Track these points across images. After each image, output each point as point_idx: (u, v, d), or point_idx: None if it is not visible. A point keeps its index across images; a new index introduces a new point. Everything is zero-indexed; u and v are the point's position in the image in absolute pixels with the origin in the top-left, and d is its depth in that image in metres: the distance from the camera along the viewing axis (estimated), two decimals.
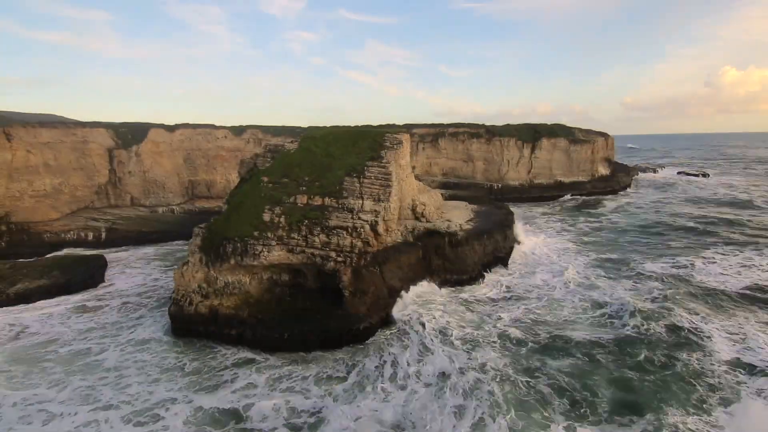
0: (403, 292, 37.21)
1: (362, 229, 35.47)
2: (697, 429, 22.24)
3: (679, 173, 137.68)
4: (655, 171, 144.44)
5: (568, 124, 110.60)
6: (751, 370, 27.25)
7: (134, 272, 50.89)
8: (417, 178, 58.06)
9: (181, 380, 28.03)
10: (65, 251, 57.53)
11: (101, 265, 49.27)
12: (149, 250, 60.61)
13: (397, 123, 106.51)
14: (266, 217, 35.34)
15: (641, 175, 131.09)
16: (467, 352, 29.64)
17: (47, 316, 38.35)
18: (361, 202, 37.03)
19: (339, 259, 33.98)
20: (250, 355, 30.90)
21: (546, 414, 23.51)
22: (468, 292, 40.93)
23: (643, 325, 32.66)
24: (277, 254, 34.03)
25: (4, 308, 39.52)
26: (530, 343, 30.88)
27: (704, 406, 23.97)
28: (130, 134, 72.15)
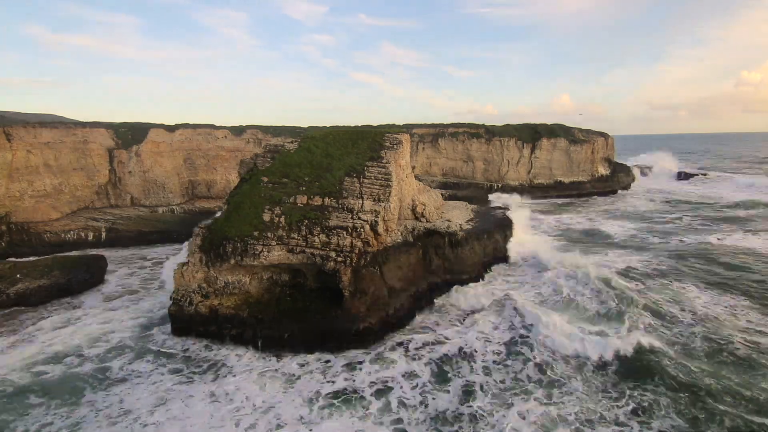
0: None
1: (362, 229, 35.46)
2: None
3: (679, 173, 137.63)
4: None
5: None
6: None
7: (134, 272, 50.91)
8: (417, 178, 58.04)
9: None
10: (65, 251, 57.53)
11: (101, 265, 49.27)
12: (149, 249, 60.65)
13: (397, 123, 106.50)
14: (266, 217, 35.36)
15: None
16: None
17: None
18: (360, 202, 37.03)
19: (339, 259, 33.98)
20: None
21: None
22: None
23: None
24: (277, 254, 34.06)
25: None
26: None
27: None
28: (131, 134, 72.11)
